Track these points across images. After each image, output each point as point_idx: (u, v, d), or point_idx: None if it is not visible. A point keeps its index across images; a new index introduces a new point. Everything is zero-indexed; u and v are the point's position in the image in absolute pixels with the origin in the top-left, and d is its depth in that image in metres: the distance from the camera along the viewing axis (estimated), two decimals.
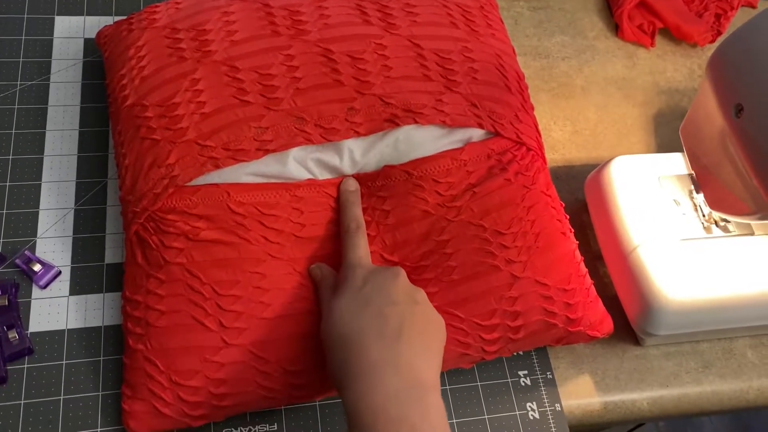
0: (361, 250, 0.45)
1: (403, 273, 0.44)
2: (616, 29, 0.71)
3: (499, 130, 0.49)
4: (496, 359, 0.52)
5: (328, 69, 0.48)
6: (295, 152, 0.46)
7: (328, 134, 0.46)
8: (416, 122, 0.47)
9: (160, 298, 0.44)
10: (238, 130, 0.45)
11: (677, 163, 0.56)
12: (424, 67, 0.49)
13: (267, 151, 0.45)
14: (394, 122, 0.47)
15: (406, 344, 0.39)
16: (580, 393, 0.53)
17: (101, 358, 0.48)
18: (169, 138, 0.45)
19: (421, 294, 0.43)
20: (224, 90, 0.47)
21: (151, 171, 0.45)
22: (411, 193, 0.47)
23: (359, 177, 0.48)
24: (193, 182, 0.45)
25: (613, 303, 0.54)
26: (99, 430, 0.45)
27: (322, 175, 0.47)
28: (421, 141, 0.48)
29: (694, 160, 0.53)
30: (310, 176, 0.47)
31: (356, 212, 0.47)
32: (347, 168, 0.47)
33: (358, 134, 0.47)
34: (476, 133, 0.49)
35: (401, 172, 0.47)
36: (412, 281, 0.46)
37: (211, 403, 0.43)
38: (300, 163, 0.46)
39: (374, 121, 0.47)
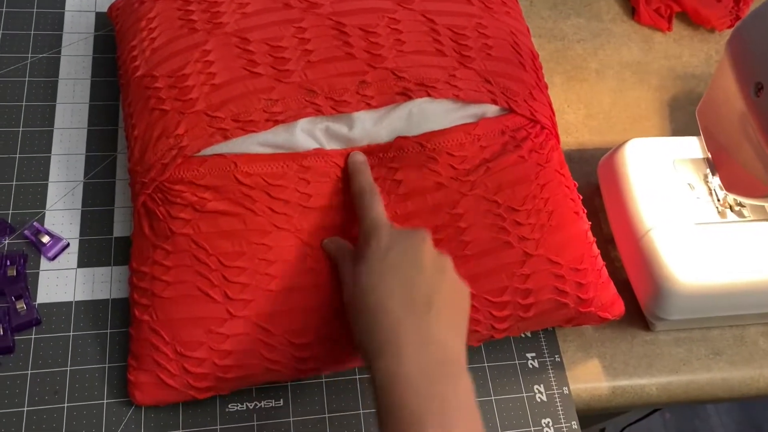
0: (380, 209, 0.44)
1: (429, 237, 0.42)
2: (633, 12, 0.70)
3: (513, 106, 0.48)
4: (504, 341, 0.52)
5: (340, 42, 0.47)
6: (304, 122, 0.45)
7: (338, 106, 0.45)
8: (429, 96, 0.47)
9: (166, 269, 0.44)
10: (247, 102, 0.45)
11: (692, 146, 0.55)
12: (437, 42, 0.49)
13: (276, 122, 0.44)
14: (406, 95, 0.46)
15: (436, 317, 0.38)
16: (588, 377, 0.53)
17: (108, 331, 0.48)
18: (178, 108, 0.45)
19: (448, 262, 0.42)
20: (235, 62, 0.46)
21: (160, 141, 0.45)
22: (424, 165, 0.47)
23: (370, 148, 0.47)
24: (201, 153, 0.44)
25: (623, 288, 0.53)
26: (105, 401, 0.45)
27: (330, 145, 0.46)
28: (435, 114, 0.47)
29: (710, 141, 0.52)
30: (318, 146, 0.46)
31: (368, 177, 0.45)
32: (357, 138, 0.46)
33: (369, 107, 0.46)
34: (490, 109, 0.48)
35: (414, 143, 0.47)
36: None
37: (216, 374, 0.43)
38: (308, 133, 0.46)
39: (386, 94, 0.46)
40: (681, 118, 0.65)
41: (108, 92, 0.56)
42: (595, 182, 0.58)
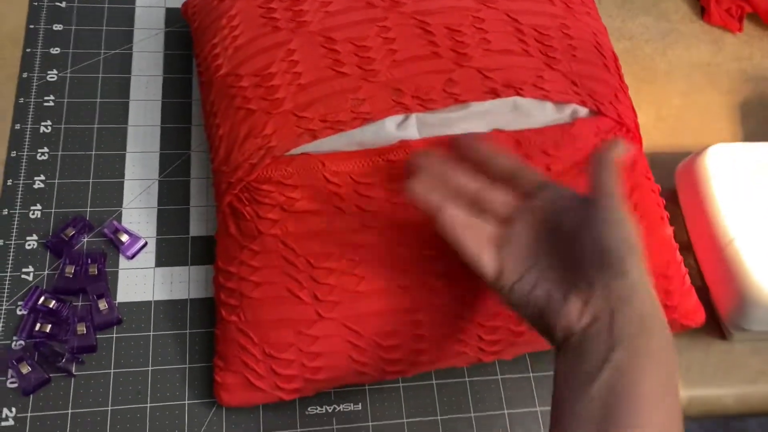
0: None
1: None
2: (702, 12, 0.69)
3: (601, 109, 0.47)
4: None
5: (425, 41, 0.47)
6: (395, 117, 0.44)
7: (426, 104, 0.45)
8: (519, 95, 0.46)
9: (254, 269, 0.43)
10: (335, 102, 0.44)
11: None
12: (523, 43, 0.48)
13: (365, 120, 0.44)
14: (495, 95, 0.46)
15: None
16: None
17: (187, 331, 0.47)
18: (265, 108, 0.44)
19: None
20: (320, 61, 0.46)
21: (247, 141, 0.44)
22: None
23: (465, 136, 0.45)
24: (288, 153, 0.44)
25: (698, 294, 0.52)
26: (187, 402, 0.45)
27: (423, 134, 0.45)
28: (528, 115, 0.46)
29: None
30: (405, 138, 0.44)
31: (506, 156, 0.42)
32: (454, 124, 0.45)
33: (457, 102, 0.45)
34: (582, 111, 0.47)
35: (510, 139, 0.46)
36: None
37: (304, 376, 0.43)
38: (397, 126, 0.44)
39: (474, 92, 0.45)
40: (753, 122, 0.64)
41: (180, 90, 0.56)
42: (668, 188, 0.57)
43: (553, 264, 0.38)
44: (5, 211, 0.49)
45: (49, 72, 0.55)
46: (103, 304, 0.46)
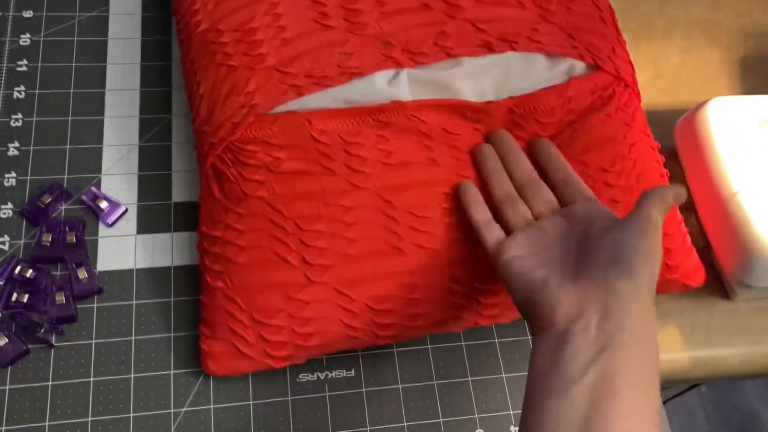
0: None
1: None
2: None
3: (599, 63, 0.45)
4: None
5: None
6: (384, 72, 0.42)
7: (417, 58, 0.43)
8: (513, 50, 0.44)
9: (240, 233, 0.41)
10: (321, 56, 0.42)
11: None
12: None
13: (353, 75, 0.42)
14: (488, 48, 0.44)
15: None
16: (668, 348, 0.50)
17: (171, 299, 0.45)
18: (247, 64, 0.42)
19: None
20: (305, 14, 0.43)
21: (229, 99, 0.42)
22: (509, 130, 0.44)
23: (460, 104, 0.43)
24: (273, 111, 0.42)
25: (700, 255, 0.51)
26: (172, 372, 0.44)
27: (415, 94, 0.43)
28: (522, 72, 0.44)
29: None
30: (397, 97, 0.43)
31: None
32: (443, 89, 0.43)
33: (449, 56, 0.43)
34: (578, 66, 0.45)
35: (504, 108, 0.44)
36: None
37: (295, 342, 0.41)
38: (388, 82, 0.42)
39: (467, 46, 0.43)
40: (753, 78, 0.62)
41: (159, 52, 0.53)
42: (667, 146, 0.56)
43: (565, 257, 0.37)
44: None
45: (21, 36, 0.52)
46: (82, 273, 0.44)
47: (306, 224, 0.41)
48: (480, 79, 0.44)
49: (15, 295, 0.43)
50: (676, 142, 0.54)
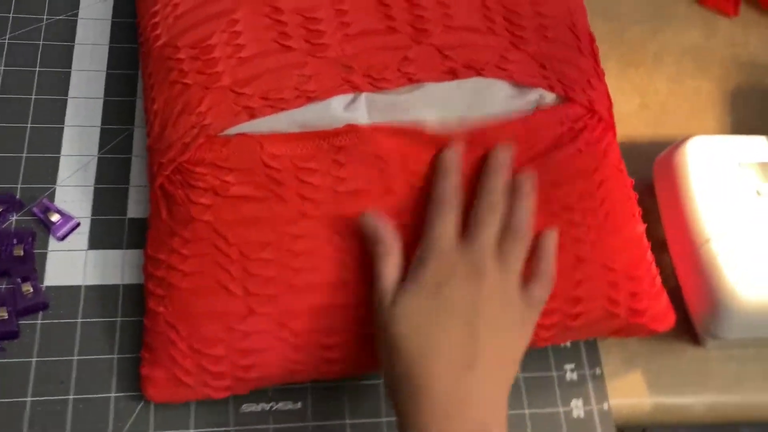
0: (447, 228, 0.38)
1: (486, 273, 0.37)
2: None
3: (570, 94, 0.44)
4: (541, 349, 0.48)
5: (381, 14, 0.43)
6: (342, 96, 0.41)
7: (377, 83, 0.41)
8: (479, 76, 0.42)
9: (184, 258, 0.40)
10: (278, 78, 0.41)
11: (762, 147, 0.50)
12: (488, 19, 0.44)
13: (309, 99, 0.40)
14: (453, 75, 0.42)
15: (479, 379, 0.35)
16: (631, 392, 0.49)
17: (118, 319, 0.44)
18: (202, 83, 0.41)
19: (510, 300, 0.38)
20: (265, 33, 0.42)
21: (181, 118, 0.41)
22: (472, 161, 0.42)
23: (417, 129, 0.41)
24: (225, 132, 0.40)
25: (672, 296, 0.49)
26: (113, 395, 0.42)
27: (373, 117, 0.41)
28: (488, 100, 0.42)
29: None
30: (354, 120, 0.41)
31: (451, 183, 0.40)
32: (401, 114, 0.41)
33: (412, 82, 0.41)
34: (548, 97, 0.43)
35: (464, 135, 0.42)
36: None
37: (235, 374, 0.40)
38: (345, 106, 0.41)
39: (430, 72, 0.42)
40: (744, 112, 0.60)
41: (127, 60, 0.52)
42: (648, 180, 0.54)
43: None
44: None
45: None
46: (27, 288, 0.43)
47: (251, 252, 0.39)
48: (442, 104, 0.42)
49: None
50: (654, 178, 0.52)
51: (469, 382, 0.35)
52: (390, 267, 0.38)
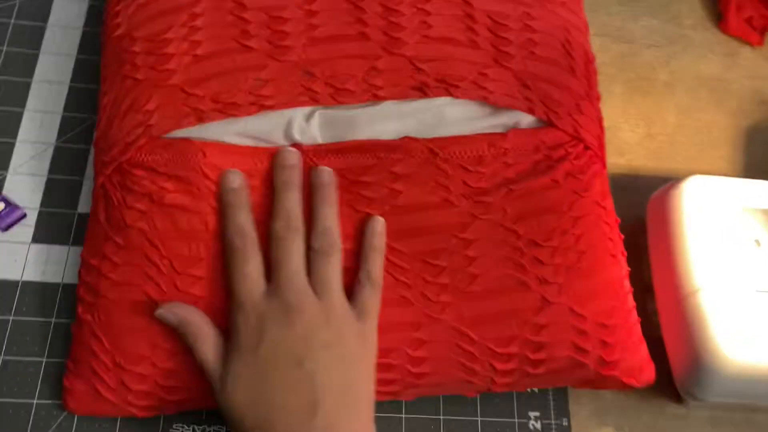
0: (251, 277, 0.35)
1: (298, 308, 0.34)
2: (718, 19, 0.59)
3: (552, 118, 0.40)
4: (504, 393, 0.44)
5: (353, 18, 0.40)
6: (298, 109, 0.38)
7: (338, 95, 0.38)
8: (450, 95, 0.38)
9: (114, 266, 0.37)
10: (232, 80, 0.38)
11: (766, 193, 0.45)
12: (471, 31, 0.40)
13: (262, 107, 0.37)
14: (422, 92, 0.38)
15: (323, 418, 0.32)
16: None
17: (53, 320, 0.42)
18: (152, 79, 0.38)
19: (335, 323, 0.35)
20: (225, 31, 0.39)
21: (128, 115, 0.38)
22: (431, 176, 0.39)
23: (372, 144, 0.38)
24: (169, 135, 0.37)
25: (657, 346, 0.45)
26: (35, 401, 0.40)
27: (325, 137, 0.38)
28: (456, 119, 0.39)
29: None
30: (304, 140, 0.38)
31: (243, 219, 0.36)
32: (358, 132, 0.38)
33: (376, 98, 0.38)
34: (525, 120, 0.40)
35: (424, 148, 0.39)
36: (426, 283, 0.38)
37: (158, 394, 0.37)
38: (298, 124, 0.38)
39: (399, 87, 0.38)
40: (758, 151, 0.55)
41: (99, 46, 0.50)
42: (645, 217, 0.49)
43: None
44: None
45: None
46: None
47: (183, 266, 0.37)
48: (403, 120, 0.39)
49: None
50: (647, 218, 0.48)
51: (317, 427, 0.32)
52: (207, 349, 0.35)
